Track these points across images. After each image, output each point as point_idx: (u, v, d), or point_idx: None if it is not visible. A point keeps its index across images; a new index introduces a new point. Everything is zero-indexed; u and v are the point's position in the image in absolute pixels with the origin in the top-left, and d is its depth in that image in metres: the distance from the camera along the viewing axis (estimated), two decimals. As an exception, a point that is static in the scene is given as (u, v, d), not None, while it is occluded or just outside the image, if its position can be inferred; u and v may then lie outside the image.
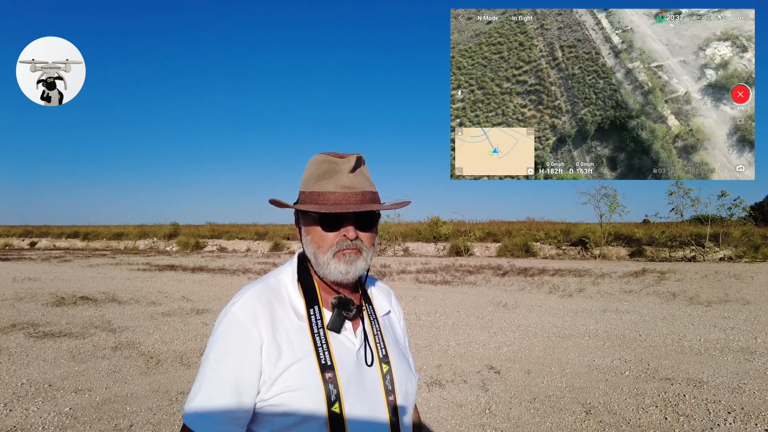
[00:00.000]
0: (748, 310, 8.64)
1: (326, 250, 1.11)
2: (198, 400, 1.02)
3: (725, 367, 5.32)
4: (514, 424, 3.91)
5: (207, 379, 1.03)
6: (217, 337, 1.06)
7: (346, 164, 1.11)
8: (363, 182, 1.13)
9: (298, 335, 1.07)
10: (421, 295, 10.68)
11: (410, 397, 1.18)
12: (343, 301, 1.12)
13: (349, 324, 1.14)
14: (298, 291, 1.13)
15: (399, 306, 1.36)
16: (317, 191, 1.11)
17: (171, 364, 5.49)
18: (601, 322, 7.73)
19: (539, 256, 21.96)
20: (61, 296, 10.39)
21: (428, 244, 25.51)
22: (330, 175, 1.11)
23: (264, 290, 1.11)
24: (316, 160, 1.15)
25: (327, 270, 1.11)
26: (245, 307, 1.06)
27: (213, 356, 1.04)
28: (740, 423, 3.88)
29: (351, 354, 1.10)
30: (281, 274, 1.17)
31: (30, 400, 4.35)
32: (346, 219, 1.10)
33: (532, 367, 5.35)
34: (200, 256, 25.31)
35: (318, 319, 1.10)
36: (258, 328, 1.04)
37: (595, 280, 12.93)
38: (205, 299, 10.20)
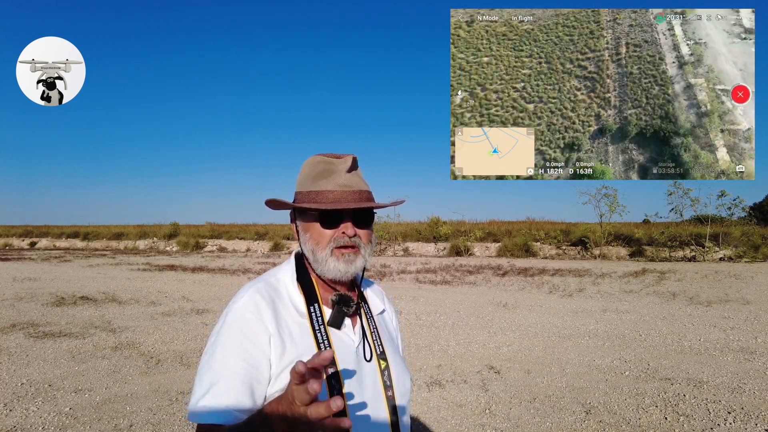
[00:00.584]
0: (748, 310, 8.64)
1: (325, 246, 1.12)
2: (210, 396, 0.98)
3: (725, 367, 5.32)
4: (514, 424, 3.91)
5: (216, 374, 1.00)
6: (222, 333, 1.05)
7: (343, 164, 1.14)
8: (359, 181, 1.15)
9: (300, 332, 1.08)
10: (421, 295, 10.68)
11: (407, 394, 1.20)
12: (343, 298, 1.14)
13: (348, 321, 1.15)
14: (297, 289, 1.15)
15: (392, 306, 1.39)
16: (315, 190, 1.12)
17: (171, 364, 5.49)
18: (601, 322, 7.73)
19: (539, 256, 21.96)
20: (61, 296, 10.39)
21: (428, 244, 25.50)
22: (327, 175, 1.13)
23: (265, 288, 1.12)
24: (312, 161, 1.17)
25: (325, 267, 1.12)
26: (249, 303, 1.07)
27: (220, 351, 1.02)
28: (740, 423, 3.88)
29: (351, 350, 1.12)
30: (280, 273, 1.18)
31: (30, 400, 4.35)
32: (345, 216, 1.12)
33: (532, 367, 5.35)
34: (200, 256, 25.31)
35: (318, 316, 1.11)
36: (264, 321, 1.05)
37: (595, 280, 12.93)
38: (205, 299, 10.20)
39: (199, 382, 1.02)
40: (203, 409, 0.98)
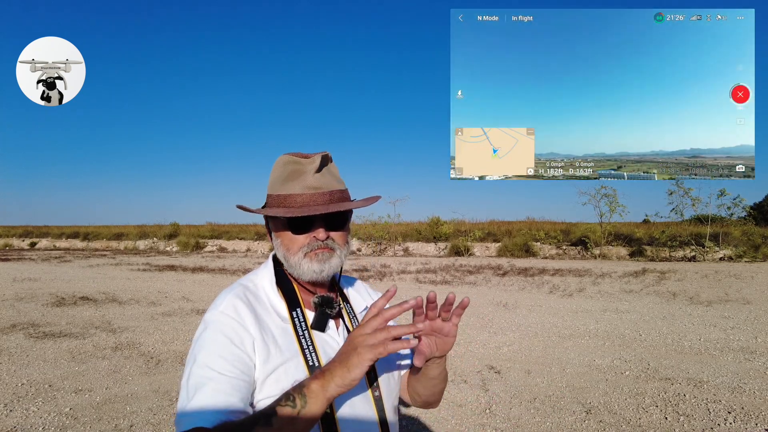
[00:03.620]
0: (748, 309, 8.64)
1: (296, 251, 1.09)
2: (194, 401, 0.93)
3: (725, 366, 5.32)
4: (514, 424, 3.91)
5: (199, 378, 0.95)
6: (204, 338, 1.00)
7: (311, 164, 1.09)
8: (330, 181, 1.10)
9: (283, 337, 1.06)
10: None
11: (393, 392, 1.18)
12: (325, 300, 1.12)
13: (332, 322, 1.13)
14: (278, 294, 1.12)
15: (376, 294, 1.33)
16: (284, 194, 1.09)
17: (171, 365, 5.49)
18: (601, 321, 7.73)
19: (539, 256, 21.96)
20: (61, 296, 10.39)
21: (428, 244, 25.50)
22: (295, 177, 1.09)
23: (243, 292, 1.08)
24: (281, 161, 1.12)
25: (300, 270, 1.10)
26: (229, 308, 1.03)
27: (202, 356, 0.98)
28: (740, 423, 3.88)
29: (335, 352, 1.09)
30: (257, 278, 1.15)
31: (30, 400, 4.35)
32: (316, 221, 1.09)
33: (532, 367, 5.35)
34: (200, 256, 25.31)
35: (302, 321, 1.09)
36: (246, 326, 1.01)
37: (595, 279, 12.93)
38: (205, 299, 10.20)
39: (182, 390, 0.97)
40: (187, 416, 0.92)
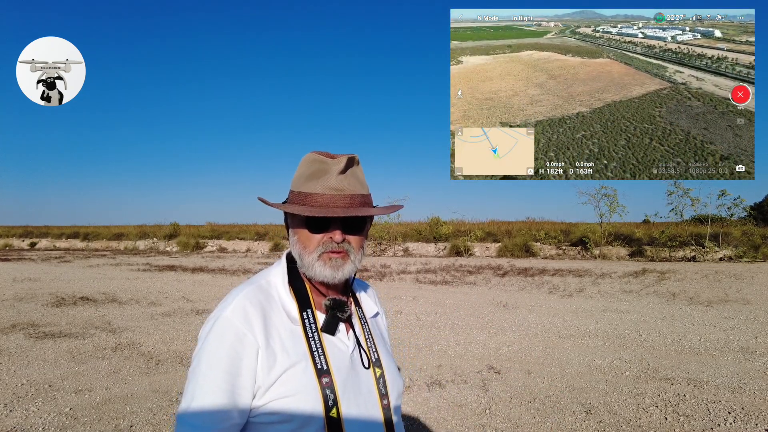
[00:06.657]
0: (748, 310, 8.64)
1: (312, 250, 1.09)
2: (192, 408, 0.98)
3: (725, 367, 5.32)
4: (514, 424, 3.91)
5: (200, 386, 0.99)
6: (209, 342, 1.02)
7: (336, 165, 1.08)
8: (353, 184, 1.09)
9: (292, 339, 1.05)
10: (421, 295, 10.68)
11: (400, 399, 1.19)
12: (337, 303, 1.11)
13: (342, 326, 1.13)
14: (289, 294, 1.11)
15: (381, 305, 1.35)
16: (305, 192, 1.08)
17: (171, 365, 5.49)
18: (601, 322, 7.73)
19: (539, 256, 21.95)
20: (61, 297, 10.39)
21: (428, 244, 25.50)
22: (319, 176, 1.08)
23: (255, 293, 1.08)
24: (307, 159, 1.12)
25: (312, 272, 1.09)
26: (237, 310, 1.03)
27: (206, 362, 1.00)
28: (740, 423, 3.88)
29: (345, 356, 1.09)
30: (271, 276, 1.14)
31: (30, 400, 4.35)
32: (334, 222, 1.08)
33: (532, 367, 5.35)
34: (200, 256, 25.31)
35: (312, 323, 1.08)
36: (253, 332, 1.01)
37: (595, 280, 12.93)
38: (205, 300, 10.20)
39: (185, 390, 1.01)
40: (184, 422, 0.98)
